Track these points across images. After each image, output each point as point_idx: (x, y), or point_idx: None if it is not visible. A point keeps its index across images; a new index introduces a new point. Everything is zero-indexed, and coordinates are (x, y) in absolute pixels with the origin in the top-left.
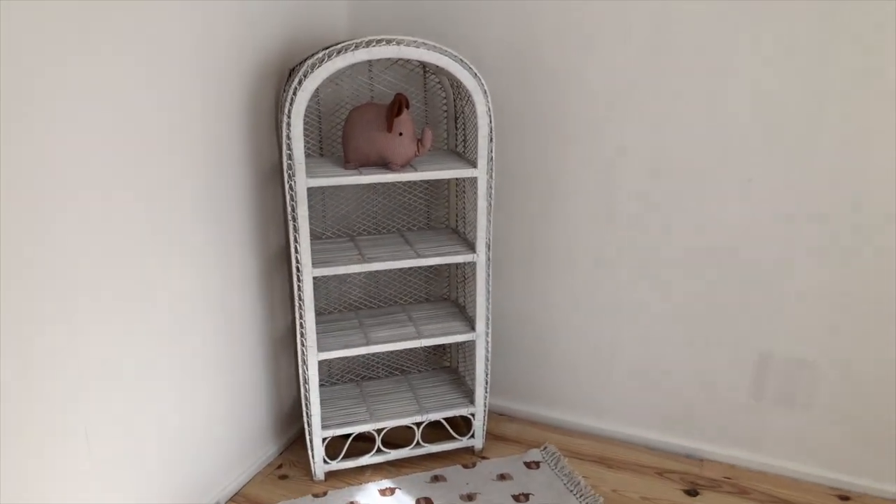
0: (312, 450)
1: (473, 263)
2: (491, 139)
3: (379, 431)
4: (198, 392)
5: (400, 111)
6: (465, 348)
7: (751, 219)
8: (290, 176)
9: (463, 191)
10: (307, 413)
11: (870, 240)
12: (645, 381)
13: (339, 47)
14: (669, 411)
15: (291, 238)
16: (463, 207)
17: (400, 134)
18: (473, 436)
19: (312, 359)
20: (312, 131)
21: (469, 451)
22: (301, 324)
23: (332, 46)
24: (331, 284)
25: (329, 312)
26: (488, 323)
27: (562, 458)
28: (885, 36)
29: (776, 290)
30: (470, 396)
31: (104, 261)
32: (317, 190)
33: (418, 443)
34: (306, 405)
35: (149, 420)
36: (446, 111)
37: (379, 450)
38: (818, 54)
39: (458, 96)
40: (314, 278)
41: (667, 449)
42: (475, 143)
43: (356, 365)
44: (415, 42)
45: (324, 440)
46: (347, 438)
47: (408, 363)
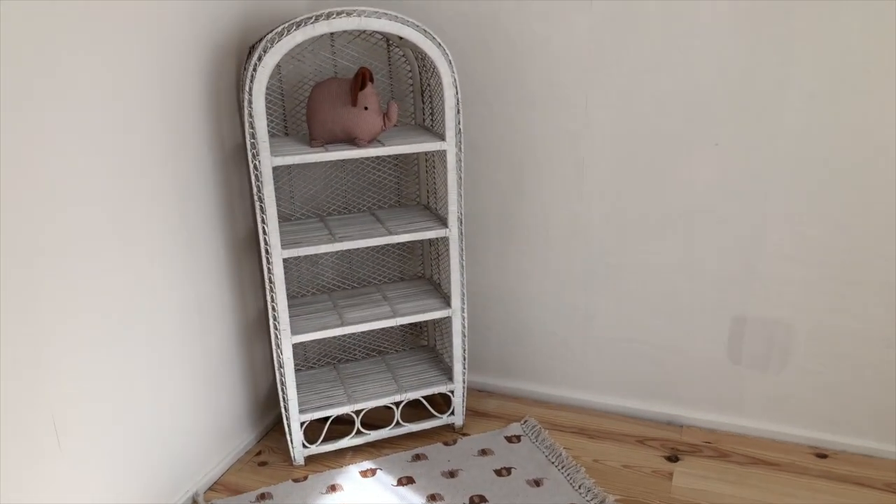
0: (291, 434)
1: (446, 239)
2: (458, 111)
3: (358, 413)
4: (171, 381)
5: (364, 85)
6: (442, 326)
7: (721, 183)
8: (255, 155)
9: (433, 166)
10: (283, 397)
11: (840, 198)
12: (622, 351)
13: (299, 20)
14: (648, 379)
15: (259, 220)
16: (434, 183)
17: (365, 108)
18: (453, 413)
19: (286, 342)
20: (276, 110)
21: (449, 429)
22: (273, 307)
23: (292, 21)
24: (302, 266)
25: (302, 295)
26: (464, 299)
27: (542, 431)
28: None
29: (750, 253)
30: (448, 374)
31: (65, 250)
32: (283, 170)
33: (398, 422)
34: (282, 389)
35: (121, 410)
36: (412, 85)
37: (358, 431)
38: (783, 15)
39: (423, 69)
40: (284, 260)
41: (646, 417)
42: (442, 117)
43: (332, 348)
44: (376, 13)
45: (302, 424)
46: (326, 422)
47: (385, 343)
